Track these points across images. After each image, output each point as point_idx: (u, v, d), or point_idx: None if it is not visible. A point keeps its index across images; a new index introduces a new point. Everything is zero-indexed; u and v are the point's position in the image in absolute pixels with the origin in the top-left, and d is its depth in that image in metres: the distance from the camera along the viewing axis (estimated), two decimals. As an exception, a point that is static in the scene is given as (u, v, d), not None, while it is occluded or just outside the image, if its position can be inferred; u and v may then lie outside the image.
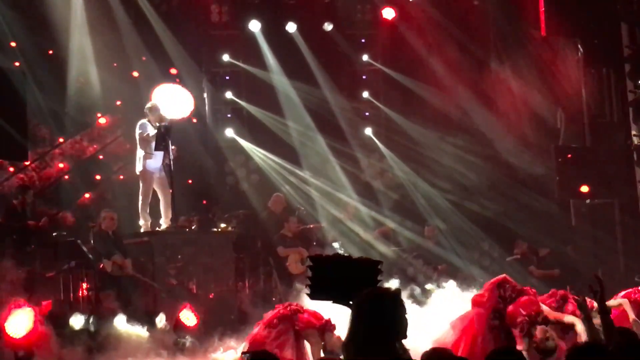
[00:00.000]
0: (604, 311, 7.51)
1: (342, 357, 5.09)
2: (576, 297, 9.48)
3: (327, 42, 21.11)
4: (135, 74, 19.57)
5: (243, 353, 8.60)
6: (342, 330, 5.12)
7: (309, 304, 13.50)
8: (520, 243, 18.82)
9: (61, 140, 19.30)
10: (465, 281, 15.39)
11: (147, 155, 16.21)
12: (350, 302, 5.16)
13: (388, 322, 4.89)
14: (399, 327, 4.96)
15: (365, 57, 21.76)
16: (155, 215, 16.60)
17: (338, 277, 5.41)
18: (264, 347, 10.88)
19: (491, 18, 21.21)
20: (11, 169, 18.34)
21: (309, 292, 5.53)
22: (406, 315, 5.05)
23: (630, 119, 19.18)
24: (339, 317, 10.26)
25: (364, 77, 22.07)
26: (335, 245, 17.99)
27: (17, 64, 17.54)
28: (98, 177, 19.54)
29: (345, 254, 5.75)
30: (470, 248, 19.44)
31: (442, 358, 6.43)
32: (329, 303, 5.57)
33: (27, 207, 15.91)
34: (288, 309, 11.88)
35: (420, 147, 21.01)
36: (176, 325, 14.55)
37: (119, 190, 18.86)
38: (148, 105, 16.53)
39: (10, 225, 15.34)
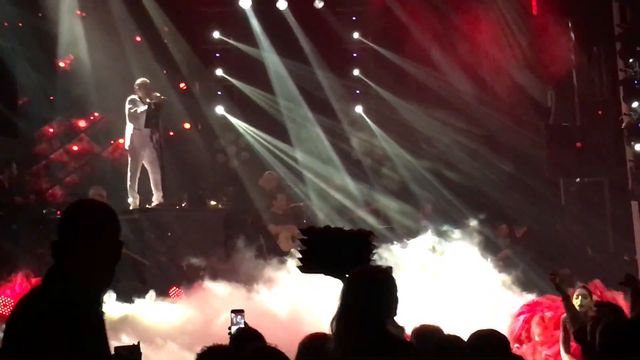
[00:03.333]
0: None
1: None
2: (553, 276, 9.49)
3: (317, 19, 21.02)
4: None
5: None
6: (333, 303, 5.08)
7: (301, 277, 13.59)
8: (501, 227, 18.91)
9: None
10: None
11: (136, 132, 16.19)
12: (343, 275, 5.15)
13: (379, 300, 4.89)
14: (390, 305, 4.96)
15: (356, 35, 21.70)
16: (147, 193, 16.60)
17: (329, 249, 5.39)
18: None
19: (482, -4, 21.18)
20: None
21: (300, 264, 5.51)
22: (397, 294, 5.05)
23: (621, 98, 19.16)
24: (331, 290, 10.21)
25: (354, 54, 22.00)
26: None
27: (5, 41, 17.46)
28: (88, 153, 19.47)
29: (338, 227, 5.70)
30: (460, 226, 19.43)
31: (432, 334, 6.44)
32: (320, 276, 5.56)
33: (13, 182, 15.86)
34: None
35: (411, 124, 20.98)
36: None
37: (109, 167, 18.82)
38: (137, 81, 16.50)
39: (-4, 201, 15.31)
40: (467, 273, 14.57)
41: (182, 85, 20.44)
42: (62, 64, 19.14)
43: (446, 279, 14.45)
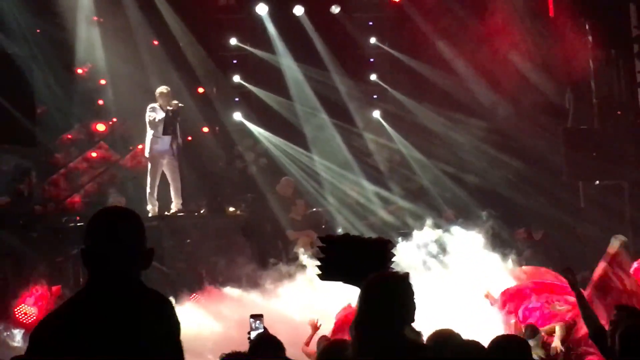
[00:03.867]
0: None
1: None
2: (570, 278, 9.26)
3: (334, 24, 21.05)
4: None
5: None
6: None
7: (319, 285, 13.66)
8: (519, 231, 18.89)
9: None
10: None
11: (155, 139, 16.27)
12: (361, 283, 5.15)
13: (396, 306, 4.88)
14: (408, 310, 4.95)
15: (372, 40, 21.70)
16: (165, 199, 16.65)
17: (348, 257, 5.38)
18: None
19: (499, -1, 21.14)
20: None
21: (319, 272, 5.50)
22: (415, 299, 5.04)
23: (639, 100, 19.12)
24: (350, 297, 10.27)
25: (371, 59, 22.02)
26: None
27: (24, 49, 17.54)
28: (106, 160, 19.53)
29: (356, 234, 5.70)
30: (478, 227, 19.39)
31: (450, 339, 6.42)
32: (339, 284, 5.55)
33: (32, 190, 15.93)
34: None
35: (428, 128, 20.96)
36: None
37: (127, 174, 18.88)
38: (158, 89, 16.59)
39: (16, 211, 15.35)
40: (482, 274, 14.53)
41: (200, 90, 20.45)
42: (79, 71, 19.20)
43: (460, 280, 14.45)
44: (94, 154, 19.36)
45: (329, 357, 5.58)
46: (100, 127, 19.44)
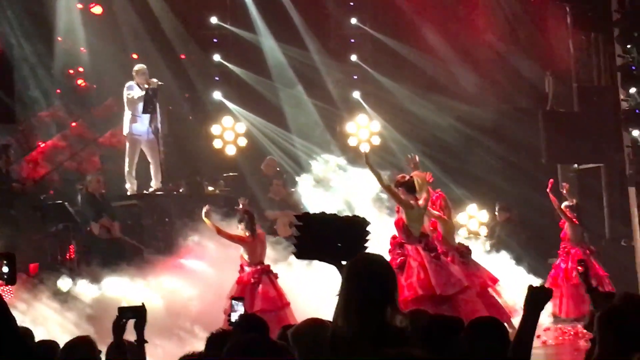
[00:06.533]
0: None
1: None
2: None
3: (315, 5, 21.01)
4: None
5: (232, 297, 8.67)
6: (332, 291, 5.09)
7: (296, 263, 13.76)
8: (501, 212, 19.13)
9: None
10: None
11: (134, 118, 16.24)
12: (337, 261, 5.16)
13: (381, 289, 4.89)
14: (389, 293, 4.96)
15: (353, 21, 21.66)
16: (145, 178, 16.63)
17: (325, 235, 5.40)
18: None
19: (480, -19, 21.16)
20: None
21: (295, 251, 5.52)
22: (396, 281, 5.06)
23: (619, 84, 19.19)
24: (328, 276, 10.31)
25: (352, 40, 21.96)
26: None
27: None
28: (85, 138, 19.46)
29: (333, 213, 5.71)
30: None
31: (421, 315, 6.43)
32: (316, 262, 5.57)
33: (10, 168, 15.86)
34: None
35: (408, 109, 20.95)
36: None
37: (106, 152, 18.81)
38: (135, 67, 16.54)
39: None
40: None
41: (180, 65, 20.29)
42: (60, 50, 19.08)
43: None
44: (72, 133, 19.26)
45: (306, 338, 5.55)
46: (79, 109, 19.38)
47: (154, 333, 7.59)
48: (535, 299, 5.34)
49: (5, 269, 4.12)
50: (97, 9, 19.19)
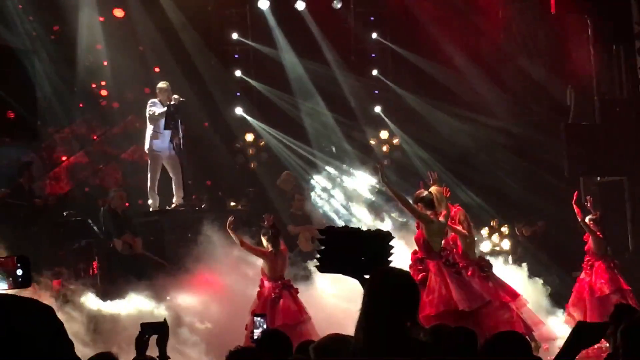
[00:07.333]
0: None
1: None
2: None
3: (336, 19, 21.05)
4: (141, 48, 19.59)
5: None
6: (355, 304, 5.08)
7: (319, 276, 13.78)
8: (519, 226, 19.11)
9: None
10: None
11: (156, 134, 16.30)
12: (360, 275, 5.15)
13: (402, 302, 4.88)
14: (411, 307, 4.95)
15: (374, 35, 21.70)
16: (167, 194, 16.66)
17: (348, 249, 5.39)
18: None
19: (501, -5, 21.15)
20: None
21: (318, 264, 5.52)
22: (418, 295, 5.06)
23: (641, 96, 19.14)
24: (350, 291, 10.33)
25: (373, 55, 22.01)
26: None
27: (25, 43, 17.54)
28: (107, 155, 19.54)
29: (356, 227, 5.72)
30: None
31: (443, 329, 6.41)
32: (339, 275, 5.57)
33: (33, 184, 15.93)
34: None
35: (430, 124, 20.95)
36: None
37: (129, 169, 18.89)
38: (159, 84, 16.62)
39: (16, 205, 15.33)
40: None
41: (201, 84, 20.36)
42: (82, 67, 19.19)
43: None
44: (95, 149, 19.36)
45: (327, 353, 5.54)
46: (102, 125, 19.49)
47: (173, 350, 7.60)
48: (583, 337, 4.81)
49: (19, 272, 4.11)
50: (119, 12, 19.27)
